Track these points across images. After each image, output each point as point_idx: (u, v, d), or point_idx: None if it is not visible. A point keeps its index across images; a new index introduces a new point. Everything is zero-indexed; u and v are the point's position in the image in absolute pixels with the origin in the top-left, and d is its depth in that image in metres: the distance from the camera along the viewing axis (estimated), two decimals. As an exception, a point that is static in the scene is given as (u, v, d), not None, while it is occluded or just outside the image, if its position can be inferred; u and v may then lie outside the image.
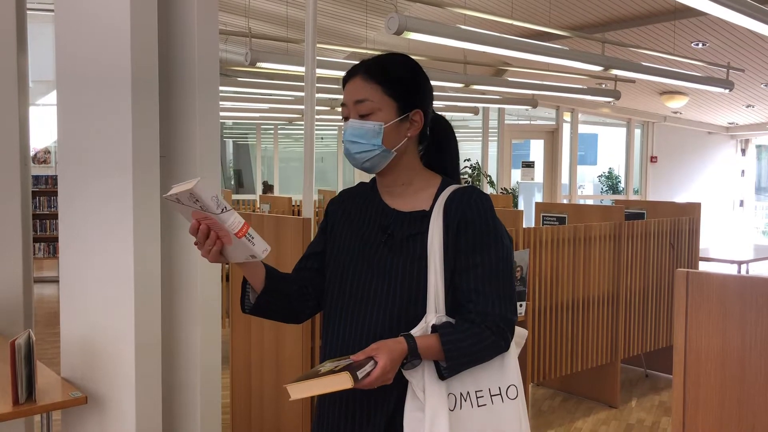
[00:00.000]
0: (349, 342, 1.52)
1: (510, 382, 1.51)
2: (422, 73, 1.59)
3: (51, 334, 5.32)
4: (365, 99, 1.52)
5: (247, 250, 1.43)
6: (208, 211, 1.39)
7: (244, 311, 1.61)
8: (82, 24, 2.37)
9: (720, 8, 4.08)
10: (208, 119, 2.41)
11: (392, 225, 1.55)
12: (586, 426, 4.34)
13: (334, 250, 1.61)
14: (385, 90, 1.52)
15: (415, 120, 1.55)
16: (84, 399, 2.22)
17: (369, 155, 1.52)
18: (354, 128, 1.52)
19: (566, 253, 4.24)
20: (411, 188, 1.58)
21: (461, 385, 1.47)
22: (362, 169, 1.56)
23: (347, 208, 1.65)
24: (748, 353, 1.25)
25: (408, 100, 1.54)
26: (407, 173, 1.58)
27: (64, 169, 2.48)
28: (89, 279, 2.42)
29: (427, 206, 1.54)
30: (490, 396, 1.48)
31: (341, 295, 1.56)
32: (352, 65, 1.59)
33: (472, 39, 4.65)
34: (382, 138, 1.51)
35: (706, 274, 1.30)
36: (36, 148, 9.78)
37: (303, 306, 1.63)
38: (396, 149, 1.54)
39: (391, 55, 1.60)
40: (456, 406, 1.45)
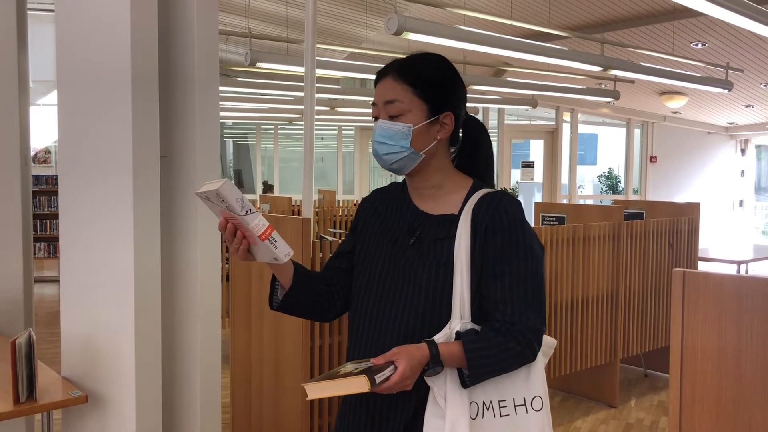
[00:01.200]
0: (372, 344, 1.52)
1: (535, 393, 1.48)
2: (456, 74, 1.57)
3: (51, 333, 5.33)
4: (395, 100, 1.50)
5: (270, 253, 1.45)
6: (233, 212, 1.41)
7: (272, 308, 1.61)
8: (82, 24, 2.38)
9: (718, 9, 4.08)
10: (209, 119, 2.42)
11: (420, 228, 1.53)
12: (585, 425, 4.35)
13: (363, 249, 1.60)
14: (415, 91, 1.50)
15: (445, 123, 1.53)
16: (84, 398, 2.22)
17: (397, 157, 1.51)
18: (383, 129, 1.51)
19: (565, 253, 4.25)
20: (441, 191, 1.56)
21: (484, 394, 1.44)
22: (390, 170, 1.54)
23: (378, 208, 1.64)
24: (745, 352, 1.25)
25: (439, 103, 1.52)
26: (437, 176, 1.56)
27: (64, 169, 2.49)
28: (90, 278, 2.42)
29: (456, 210, 1.52)
30: (514, 406, 1.45)
31: (367, 296, 1.55)
32: (385, 64, 1.57)
33: (471, 39, 4.66)
34: (411, 140, 1.49)
35: (703, 274, 1.31)
36: (36, 148, 9.78)
37: (330, 304, 1.63)
38: (425, 152, 1.51)
39: (425, 55, 1.58)
40: (478, 415, 1.43)
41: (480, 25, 5.79)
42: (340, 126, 13.30)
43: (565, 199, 11.79)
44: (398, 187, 1.65)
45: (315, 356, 3.10)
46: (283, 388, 3.19)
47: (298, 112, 10.67)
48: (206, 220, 2.43)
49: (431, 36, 4.35)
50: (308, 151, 3.34)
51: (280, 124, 13.38)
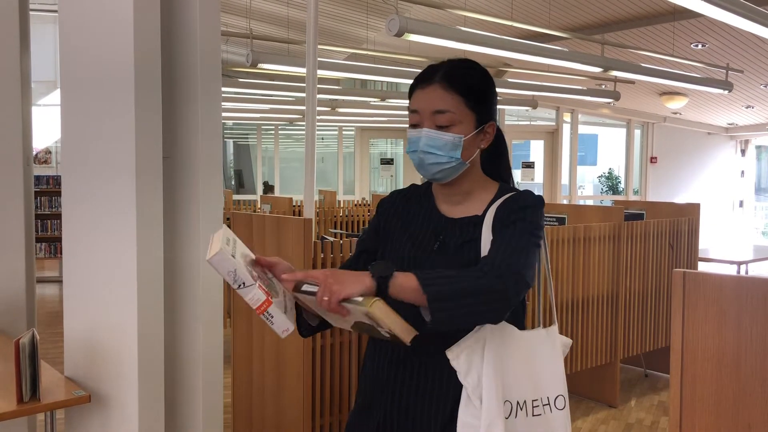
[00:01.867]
0: (400, 349, 1.48)
1: (559, 391, 1.49)
2: (494, 84, 1.57)
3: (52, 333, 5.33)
4: (447, 110, 1.47)
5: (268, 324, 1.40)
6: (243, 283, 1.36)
7: (303, 335, 1.56)
8: (85, 25, 2.39)
9: (718, 10, 4.09)
10: (211, 120, 2.43)
11: (444, 232, 1.52)
12: (585, 425, 4.35)
13: (386, 253, 1.57)
14: (467, 102, 1.49)
15: (488, 132, 1.53)
16: (87, 398, 2.23)
17: (445, 167, 1.49)
18: (431, 138, 1.47)
19: (566, 253, 4.25)
20: (470, 197, 1.56)
21: (518, 393, 1.43)
22: (432, 179, 1.52)
23: (400, 211, 1.61)
24: (744, 353, 1.26)
25: (485, 113, 1.52)
26: (470, 182, 1.55)
27: (67, 169, 2.49)
28: (92, 278, 2.43)
29: (480, 211, 1.51)
30: (542, 405, 1.45)
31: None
32: (424, 70, 1.54)
33: (472, 40, 4.67)
34: (461, 151, 1.48)
35: (703, 275, 1.32)
36: (37, 149, 9.79)
37: None
38: (470, 161, 1.51)
39: (466, 62, 1.56)
40: (511, 415, 1.41)
41: (480, 26, 5.80)
42: (340, 126, 13.30)
43: (565, 200, 11.80)
44: (420, 190, 1.63)
45: (317, 356, 3.11)
46: (284, 387, 3.20)
47: (299, 113, 10.68)
48: (208, 220, 2.44)
49: (432, 37, 4.36)
50: (310, 152, 3.35)
51: (280, 124, 13.39)
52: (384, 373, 1.53)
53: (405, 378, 1.50)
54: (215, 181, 2.45)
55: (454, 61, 1.56)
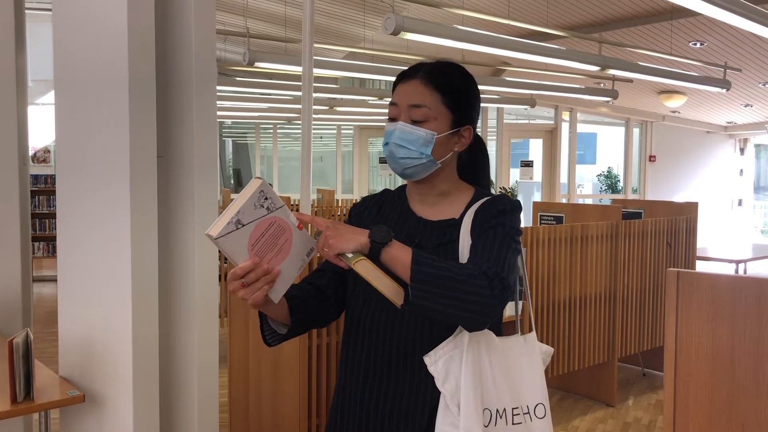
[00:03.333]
0: (375, 355, 1.47)
1: (538, 400, 1.45)
2: (478, 90, 1.55)
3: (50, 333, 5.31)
4: (423, 105, 1.46)
5: (306, 243, 1.36)
6: (275, 207, 1.30)
7: (269, 344, 1.52)
8: (79, 24, 2.38)
9: (716, 9, 4.09)
10: (206, 119, 2.42)
11: (420, 234, 1.50)
12: (583, 425, 4.35)
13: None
14: (444, 99, 1.47)
15: (464, 136, 1.52)
16: (82, 397, 2.23)
17: (414, 162, 1.47)
18: (404, 132, 1.46)
19: (563, 252, 4.25)
20: (446, 199, 1.54)
21: (498, 401, 1.40)
22: (402, 175, 1.51)
23: (373, 215, 1.59)
24: (738, 351, 1.26)
25: (463, 115, 1.50)
26: (445, 184, 1.54)
27: (62, 168, 2.49)
28: (87, 278, 2.43)
29: (457, 215, 1.50)
30: (522, 414, 1.42)
31: (366, 306, 1.51)
32: (409, 67, 1.53)
33: (469, 39, 4.66)
34: (432, 148, 1.46)
35: (697, 274, 1.31)
36: (35, 148, 9.79)
37: (324, 320, 1.58)
38: (441, 161, 1.49)
39: (452, 64, 1.55)
40: (491, 423, 1.39)
41: (478, 25, 5.79)
42: (339, 125, 13.30)
43: (564, 199, 11.80)
44: (393, 194, 1.62)
45: (313, 355, 3.11)
46: (281, 387, 3.19)
47: (297, 112, 10.67)
48: (203, 219, 2.44)
49: (429, 36, 4.35)
50: (306, 151, 3.34)
51: (279, 123, 13.39)
52: (357, 384, 1.50)
53: (380, 386, 1.47)
54: (210, 179, 2.44)
55: (441, 61, 1.55)
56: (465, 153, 1.57)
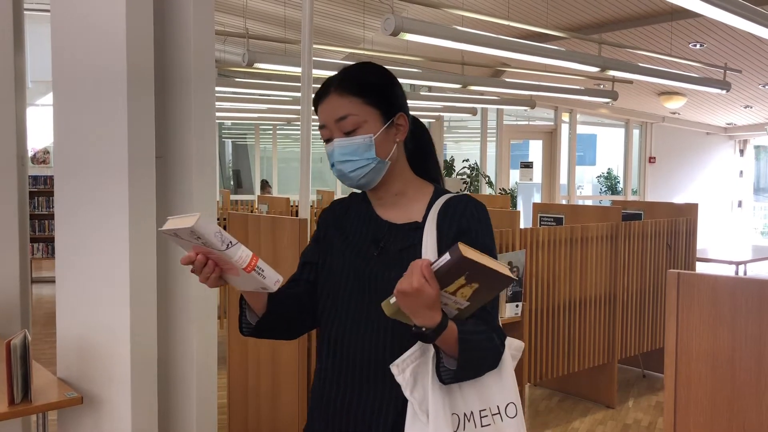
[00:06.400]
0: (341, 363, 1.46)
1: (509, 399, 1.43)
2: (393, 76, 1.53)
3: (49, 334, 5.30)
4: (347, 114, 1.45)
5: (256, 283, 1.35)
6: (212, 248, 1.30)
7: (243, 333, 1.53)
8: (78, 25, 2.38)
9: (716, 10, 4.08)
10: (205, 119, 2.42)
11: (385, 238, 1.49)
12: (583, 426, 4.35)
13: (326, 265, 1.54)
14: (364, 100, 1.46)
15: (400, 124, 1.50)
16: (80, 399, 2.22)
17: (365, 171, 1.46)
18: (342, 147, 1.45)
19: (563, 253, 4.24)
20: (404, 198, 1.53)
21: (465, 405, 1.38)
22: (357, 187, 1.49)
23: (340, 220, 1.58)
24: (739, 354, 1.25)
25: (389, 105, 1.49)
26: (400, 182, 1.53)
27: (60, 169, 2.48)
28: (85, 279, 2.42)
29: (420, 217, 1.49)
30: (491, 415, 1.40)
31: (333, 314, 1.50)
32: (320, 86, 1.52)
33: (469, 40, 4.66)
34: (375, 149, 1.45)
35: (697, 276, 1.30)
36: (35, 149, 9.78)
37: (300, 326, 1.58)
38: (390, 158, 1.48)
39: (358, 64, 1.54)
40: (459, 427, 1.37)
41: (477, 26, 5.79)
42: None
43: (564, 200, 11.80)
44: (358, 197, 1.60)
45: (312, 357, 3.10)
46: (279, 389, 3.19)
47: (297, 113, 10.66)
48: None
49: (428, 37, 4.35)
50: (305, 152, 3.34)
51: (278, 124, 13.38)
52: (323, 395, 1.50)
53: (344, 397, 1.45)
54: (209, 180, 2.44)
55: (347, 67, 1.53)
56: (410, 142, 1.56)
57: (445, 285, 1.26)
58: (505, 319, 3.56)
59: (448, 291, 1.27)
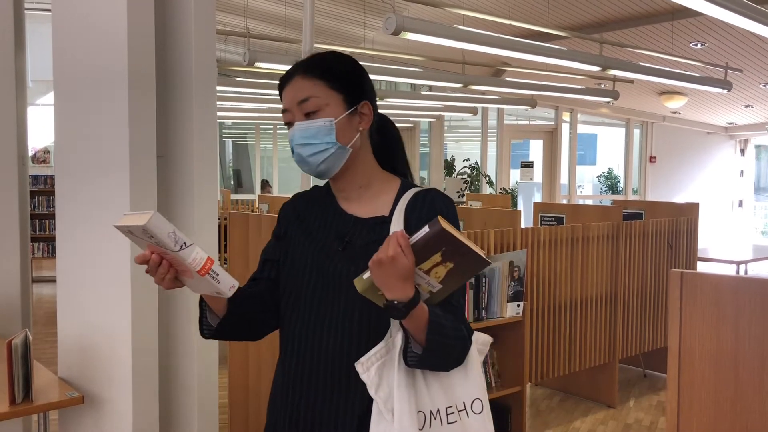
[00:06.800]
0: (304, 363, 1.43)
1: (475, 395, 1.40)
2: (361, 66, 1.51)
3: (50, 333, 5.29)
4: (310, 96, 1.41)
5: (211, 287, 1.32)
6: (164, 247, 1.27)
7: (204, 336, 1.48)
8: (78, 24, 2.38)
9: (717, 9, 4.08)
10: (206, 119, 2.41)
11: (350, 232, 1.44)
12: (584, 426, 4.34)
13: (288, 260, 1.49)
14: (328, 84, 1.42)
15: (364, 113, 1.46)
16: (81, 399, 2.22)
17: (324, 155, 1.41)
18: (302, 130, 1.41)
19: (564, 253, 4.24)
20: (369, 191, 1.48)
21: (431, 402, 1.36)
22: (317, 174, 1.45)
23: (302, 214, 1.53)
24: (742, 354, 1.25)
25: (354, 92, 1.45)
26: (364, 174, 1.48)
27: (61, 169, 2.48)
28: (86, 279, 2.42)
29: (387, 211, 1.44)
30: (457, 412, 1.37)
31: (296, 312, 1.46)
32: (288, 69, 1.49)
33: (470, 39, 4.65)
34: (336, 134, 1.40)
35: (701, 275, 1.30)
36: (35, 148, 9.78)
37: (264, 326, 1.54)
38: (351, 145, 1.43)
39: (326, 52, 1.51)
40: (425, 425, 1.34)
41: (479, 25, 5.78)
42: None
43: (564, 199, 11.79)
44: (322, 190, 1.56)
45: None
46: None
47: (297, 112, 10.62)
48: (203, 219, 2.43)
49: (430, 36, 4.34)
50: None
51: (279, 124, 13.37)
52: (287, 394, 1.47)
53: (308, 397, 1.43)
54: (210, 180, 2.44)
55: (315, 53, 1.51)
56: (376, 135, 1.52)
57: (421, 260, 1.24)
58: (506, 319, 3.56)
59: (423, 269, 1.25)
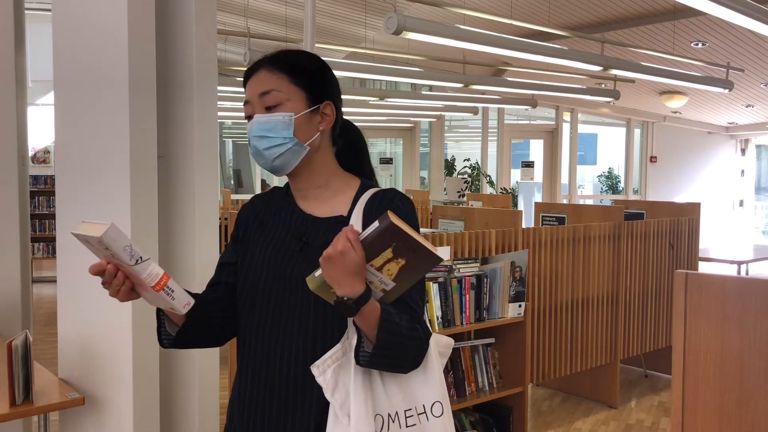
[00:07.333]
0: (261, 366, 1.40)
1: (434, 398, 1.37)
2: (329, 67, 1.50)
3: (50, 334, 5.30)
4: (271, 89, 1.41)
5: (166, 303, 1.31)
6: (119, 260, 1.26)
7: (164, 346, 1.46)
8: (79, 24, 2.37)
9: (719, 8, 4.07)
10: (207, 118, 2.41)
11: (308, 232, 1.42)
12: (585, 426, 4.33)
13: (245, 262, 1.47)
14: (292, 79, 1.42)
15: (326, 113, 1.45)
16: (81, 400, 2.21)
17: (280, 150, 1.40)
18: (261, 122, 1.40)
19: (565, 253, 4.23)
20: (328, 191, 1.47)
21: (389, 405, 1.34)
22: (272, 169, 1.42)
23: (260, 215, 1.51)
24: (748, 355, 1.24)
25: (317, 91, 1.44)
26: (322, 174, 1.46)
27: (61, 169, 2.47)
28: (87, 280, 2.40)
29: (345, 211, 1.43)
30: (417, 415, 1.35)
31: (254, 315, 1.43)
32: (254, 62, 1.48)
33: (471, 39, 4.64)
34: (294, 130, 1.39)
35: (706, 276, 1.29)
36: (35, 148, 9.78)
37: (225, 331, 1.51)
38: (309, 143, 1.42)
39: (295, 50, 1.51)
40: (383, 428, 1.32)
41: (480, 25, 5.78)
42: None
43: (565, 199, 11.79)
44: (281, 192, 1.54)
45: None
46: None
47: (298, 112, 10.63)
48: (204, 219, 2.42)
49: (431, 35, 4.33)
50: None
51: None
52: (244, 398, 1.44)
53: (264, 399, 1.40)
54: (211, 179, 2.43)
55: (284, 49, 1.50)
56: (340, 138, 1.51)
57: (372, 256, 1.23)
58: (507, 320, 3.55)
59: (374, 265, 1.24)
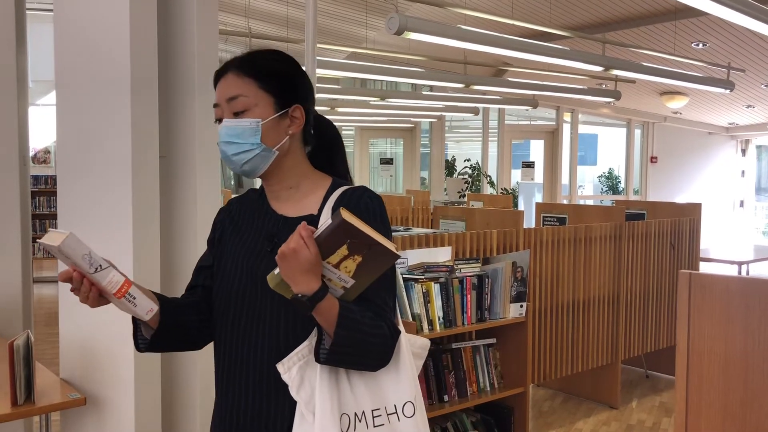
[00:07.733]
0: (234, 367, 1.41)
1: (406, 398, 1.37)
2: (299, 68, 1.49)
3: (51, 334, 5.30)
4: (239, 95, 1.40)
5: (128, 309, 1.33)
6: (80, 269, 1.29)
7: (140, 350, 1.47)
8: (80, 24, 2.37)
9: (721, 8, 4.07)
10: (208, 119, 2.40)
11: (279, 233, 1.42)
12: (586, 427, 4.33)
13: (221, 264, 1.48)
14: (259, 84, 1.41)
15: (295, 116, 1.44)
16: (83, 400, 2.21)
17: (248, 156, 1.40)
18: (229, 128, 1.40)
19: (567, 253, 4.23)
20: (299, 192, 1.47)
21: (356, 405, 1.33)
22: (242, 173, 1.43)
23: (235, 217, 1.52)
24: (752, 355, 1.24)
25: (285, 95, 1.43)
26: (293, 176, 1.46)
27: (63, 169, 2.47)
28: (88, 280, 2.40)
29: (315, 210, 1.43)
30: (387, 415, 1.35)
31: (227, 315, 1.44)
32: (224, 63, 1.48)
33: (472, 39, 4.64)
34: (261, 136, 1.39)
35: (709, 276, 1.29)
36: (36, 148, 9.78)
37: (202, 335, 1.52)
38: (278, 148, 1.42)
39: (265, 50, 1.49)
40: (350, 428, 1.32)
41: (481, 25, 5.77)
42: (340, 126, 13.29)
43: (565, 200, 11.78)
44: (256, 193, 1.54)
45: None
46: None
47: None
48: (205, 220, 2.42)
49: (432, 35, 4.33)
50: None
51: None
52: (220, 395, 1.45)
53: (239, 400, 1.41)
54: (212, 180, 2.43)
55: (253, 50, 1.49)
56: (313, 139, 1.51)
57: (328, 254, 1.23)
58: (509, 320, 3.55)
59: (331, 263, 1.24)
